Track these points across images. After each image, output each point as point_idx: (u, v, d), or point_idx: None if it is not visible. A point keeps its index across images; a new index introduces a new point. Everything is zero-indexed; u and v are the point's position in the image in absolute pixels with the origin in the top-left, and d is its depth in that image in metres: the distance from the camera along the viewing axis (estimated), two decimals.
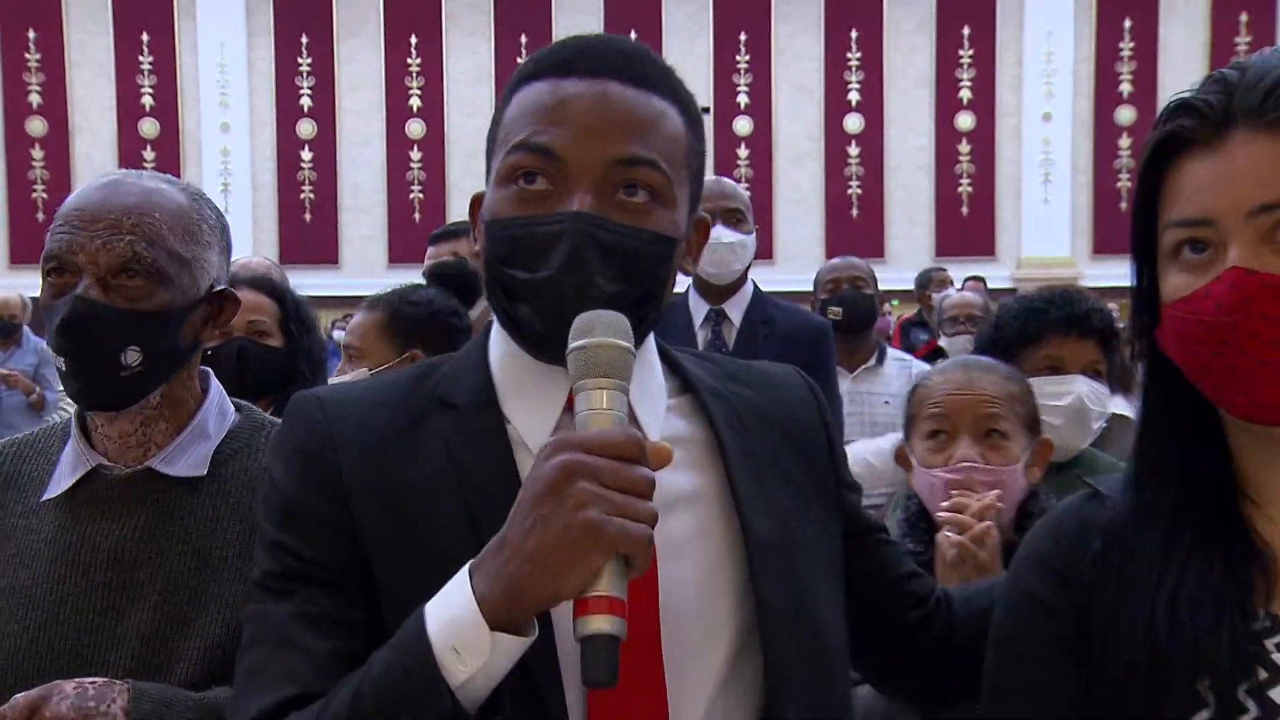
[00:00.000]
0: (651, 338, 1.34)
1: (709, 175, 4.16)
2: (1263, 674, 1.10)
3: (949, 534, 1.88)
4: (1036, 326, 2.61)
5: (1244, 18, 14.95)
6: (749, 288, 3.91)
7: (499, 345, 1.32)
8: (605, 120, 1.21)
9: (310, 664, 1.19)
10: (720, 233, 3.75)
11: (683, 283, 3.92)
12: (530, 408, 1.28)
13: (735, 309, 3.87)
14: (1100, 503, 1.24)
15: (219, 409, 1.75)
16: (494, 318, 1.33)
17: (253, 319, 2.88)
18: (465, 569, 1.09)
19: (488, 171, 1.30)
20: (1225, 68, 1.16)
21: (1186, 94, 1.16)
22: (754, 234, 3.90)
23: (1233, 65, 1.16)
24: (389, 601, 1.21)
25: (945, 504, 1.94)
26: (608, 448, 1.05)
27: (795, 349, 3.72)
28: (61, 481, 1.70)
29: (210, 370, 1.82)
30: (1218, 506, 1.18)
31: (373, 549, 1.23)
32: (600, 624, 1.04)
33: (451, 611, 1.07)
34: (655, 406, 1.32)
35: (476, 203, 1.32)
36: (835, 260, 5.09)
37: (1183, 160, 1.15)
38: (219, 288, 1.74)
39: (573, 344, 1.11)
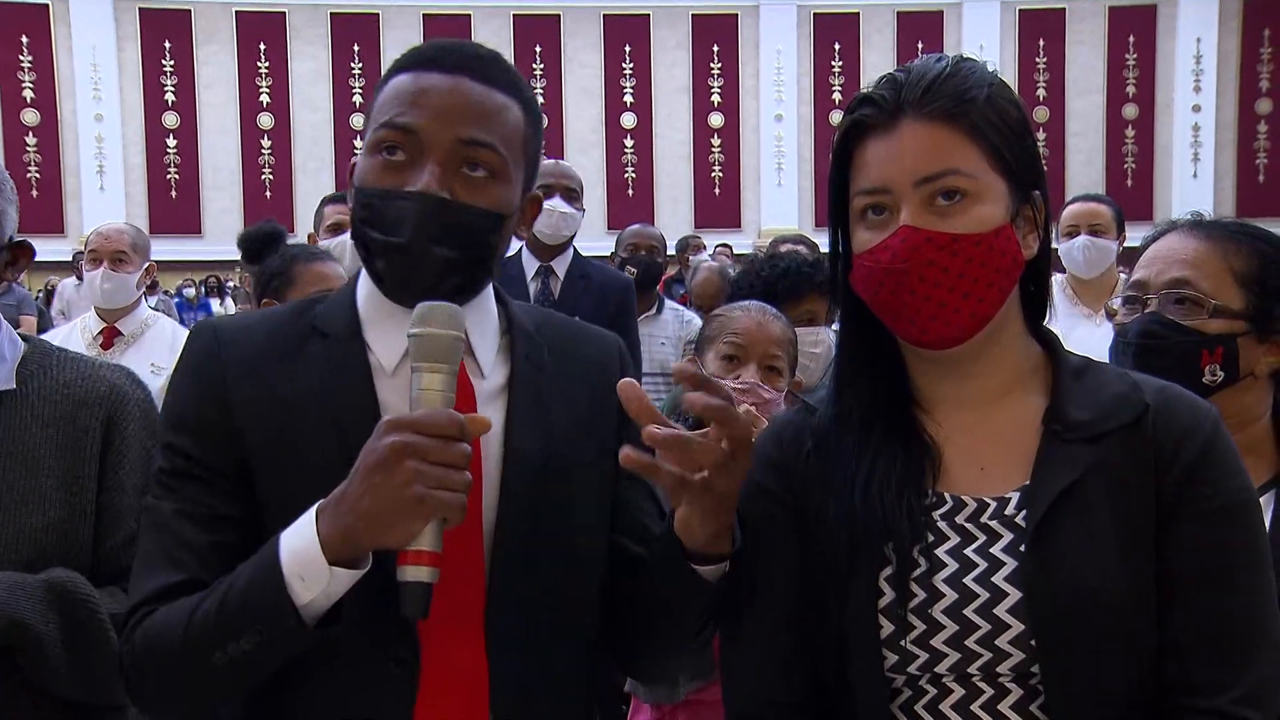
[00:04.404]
0: (490, 287, 1.32)
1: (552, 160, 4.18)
2: (930, 537, 1.15)
3: None
4: (804, 286, 2.64)
5: (920, 45, 15.47)
6: (570, 249, 3.98)
7: (364, 286, 1.29)
8: (456, 107, 1.20)
9: (193, 555, 1.17)
10: (558, 204, 3.84)
11: (515, 243, 3.95)
12: (385, 339, 1.25)
13: (560, 265, 3.95)
14: (811, 413, 1.27)
15: (9, 339, 1.65)
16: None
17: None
18: (314, 510, 1.09)
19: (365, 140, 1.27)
20: (895, 70, 1.18)
21: (868, 90, 1.18)
22: (583, 211, 4.02)
23: (900, 69, 1.18)
24: (266, 498, 1.19)
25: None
26: (433, 428, 1.04)
27: (607, 298, 3.88)
28: None
29: None
30: (897, 413, 1.22)
31: (252, 451, 1.20)
32: (416, 573, 1.06)
33: (299, 544, 1.08)
34: (490, 343, 1.30)
35: (354, 167, 1.29)
36: (637, 227, 5.08)
37: (865, 142, 1.16)
38: (16, 239, 1.66)
39: (411, 330, 1.09)
